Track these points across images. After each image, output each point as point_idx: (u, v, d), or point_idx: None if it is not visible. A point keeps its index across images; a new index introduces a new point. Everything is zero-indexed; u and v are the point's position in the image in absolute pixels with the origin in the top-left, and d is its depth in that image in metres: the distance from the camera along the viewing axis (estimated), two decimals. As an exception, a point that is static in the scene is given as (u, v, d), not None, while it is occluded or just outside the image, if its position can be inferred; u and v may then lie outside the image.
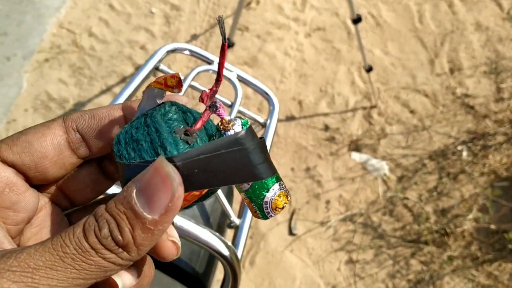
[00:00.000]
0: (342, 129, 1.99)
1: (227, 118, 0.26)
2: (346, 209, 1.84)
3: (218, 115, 0.26)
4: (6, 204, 0.25)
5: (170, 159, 0.23)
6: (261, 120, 1.00)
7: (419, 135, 1.96)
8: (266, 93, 0.97)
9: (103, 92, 2.07)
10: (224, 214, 0.96)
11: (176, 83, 0.26)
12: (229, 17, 2.25)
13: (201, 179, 0.23)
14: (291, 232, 1.82)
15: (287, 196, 0.27)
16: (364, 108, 2.03)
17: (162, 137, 0.24)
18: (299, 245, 1.79)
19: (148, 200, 0.22)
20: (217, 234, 0.72)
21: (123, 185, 0.25)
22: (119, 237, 0.22)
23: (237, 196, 1.21)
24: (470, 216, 1.77)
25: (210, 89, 0.26)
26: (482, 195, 1.81)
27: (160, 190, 0.22)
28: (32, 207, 0.26)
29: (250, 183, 0.25)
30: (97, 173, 0.29)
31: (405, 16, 2.23)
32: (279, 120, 0.93)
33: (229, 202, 0.98)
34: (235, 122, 0.25)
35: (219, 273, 1.04)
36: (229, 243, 0.73)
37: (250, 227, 0.81)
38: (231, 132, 0.25)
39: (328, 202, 1.85)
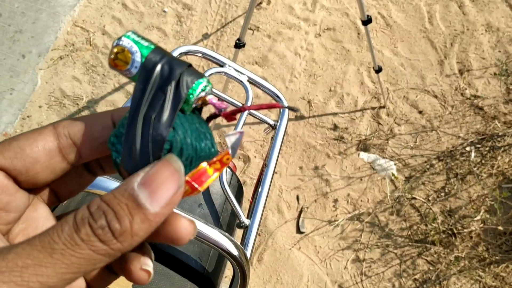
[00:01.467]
0: (350, 128, 2.00)
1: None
2: (354, 208, 1.86)
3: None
4: None
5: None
6: (271, 122, 1.03)
7: (428, 136, 1.97)
8: (277, 96, 0.99)
9: (116, 89, 2.11)
10: (234, 214, 0.99)
11: (230, 160, 0.27)
12: (240, 16, 2.27)
13: None
14: (299, 230, 1.84)
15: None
16: (373, 108, 2.04)
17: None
18: (306, 243, 1.82)
19: (152, 193, 0.22)
20: (227, 234, 0.75)
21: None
22: (117, 225, 0.22)
23: (247, 196, 1.24)
24: (478, 217, 1.78)
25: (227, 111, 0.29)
26: (490, 196, 1.82)
27: (167, 184, 0.23)
28: (23, 207, 0.27)
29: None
30: (81, 167, 0.30)
31: (415, 17, 2.24)
32: (288, 119, 0.95)
33: (239, 203, 1.00)
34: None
35: (227, 270, 1.07)
36: (238, 243, 0.76)
37: (259, 227, 0.83)
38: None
39: (336, 201, 1.88)
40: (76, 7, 2.32)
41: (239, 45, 1.68)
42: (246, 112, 0.94)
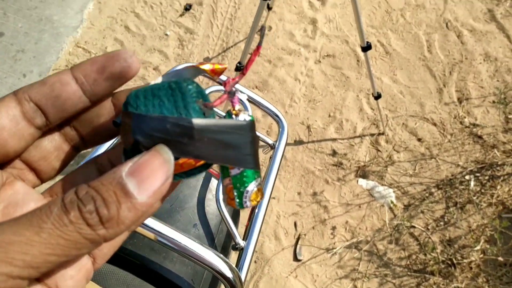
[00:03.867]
0: (349, 154, 1.99)
1: (237, 107, 0.28)
2: (352, 236, 1.83)
3: (232, 102, 0.28)
4: None
5: (189, 121, 0.24)
6: (270, 141, 1.01)
7: (427, 164, 1.96)
8: (277, 115, 0.99)
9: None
10: (230, 236, 0.96)
11: (221, 71, 0.28)
12: (241, 42, 2.29)
13: (206, 149, 0.25)
14: (296, 258, 1.80)
15: (261, 193, 0.29)
16: (372, 134, 2.04)
17: (186, 101, 0.25)
18: (303, 271, 1.78)
19: (140, 182, 0.22)
20: (221, 255, 0.72)
21: (126, 136, 0.25)
22: (105, 211, 0.22)
23: (243, 218, 1.21)
24: (478, 247, 1.75)
25: (233, 79, 0.28)
26: (490, 226, 1.79)
27: (156, 174, 0.23)
28: None
29: (241, 170, 0.27)
30: (59, 139, 0.29)
31: (414, 45, 2.26)
32: (287, 144, 0.95)
33: (235, 223, 0.98)
34: (245, 113, 0.27)
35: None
36: (233, 266, 0.74)
37: (255, 250, 0.81)
38: (240, 118, 0.27)
39: (334, 228, 1.85)
40: (79, 29, 2.34)
41: (240, 68, 1.69)
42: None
